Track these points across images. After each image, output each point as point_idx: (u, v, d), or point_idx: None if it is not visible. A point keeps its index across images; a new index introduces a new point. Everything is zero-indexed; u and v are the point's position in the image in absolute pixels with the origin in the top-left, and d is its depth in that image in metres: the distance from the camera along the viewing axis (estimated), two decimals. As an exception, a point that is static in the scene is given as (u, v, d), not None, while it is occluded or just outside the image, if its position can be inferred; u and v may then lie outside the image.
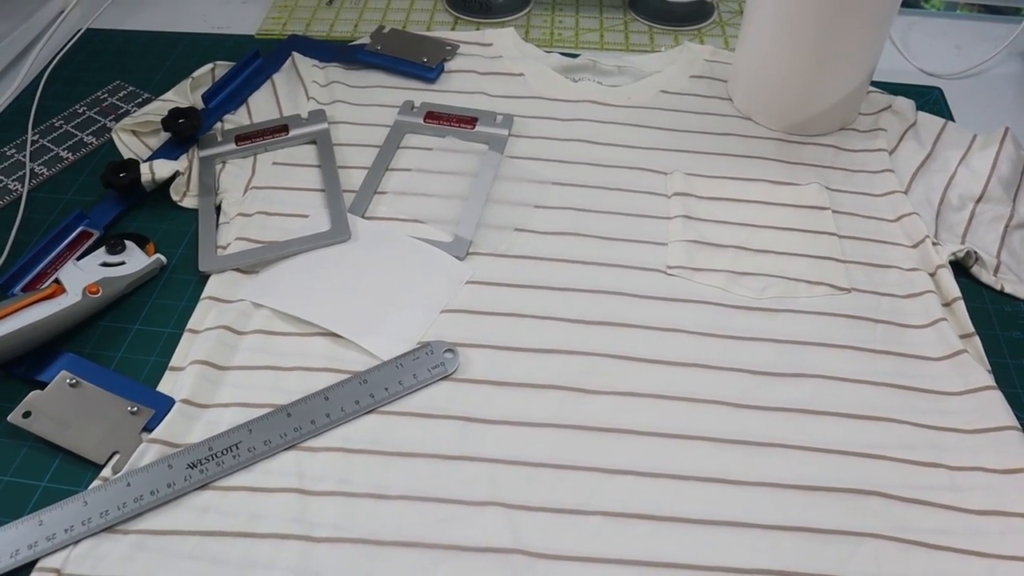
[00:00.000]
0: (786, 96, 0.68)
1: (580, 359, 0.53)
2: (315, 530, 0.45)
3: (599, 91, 0.74)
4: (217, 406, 0.51)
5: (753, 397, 0.52)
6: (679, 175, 0.65)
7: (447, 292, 0.57)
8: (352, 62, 0.76)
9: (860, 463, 0.49)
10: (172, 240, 0.62)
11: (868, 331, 0.56)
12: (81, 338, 0.56)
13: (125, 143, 0.69)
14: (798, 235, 0.61)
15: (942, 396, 0.52)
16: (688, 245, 0.60)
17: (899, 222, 0.63)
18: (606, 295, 0.57)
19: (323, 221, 0.61)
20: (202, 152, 0.67)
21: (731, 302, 0.57)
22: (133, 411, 0.50)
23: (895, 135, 0.70)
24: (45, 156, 0.69)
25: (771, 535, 0.46)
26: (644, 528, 0.46)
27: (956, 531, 0.46)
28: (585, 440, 0.49)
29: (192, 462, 0.48)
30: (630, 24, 0.86)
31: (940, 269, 0.59)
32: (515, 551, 0.45)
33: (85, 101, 0.75)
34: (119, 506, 0.46)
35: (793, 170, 0.67)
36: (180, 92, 0.73)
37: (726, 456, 0.49)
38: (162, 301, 0.58)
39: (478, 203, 0.63)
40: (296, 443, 0.49)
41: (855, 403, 0.52)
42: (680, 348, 0.54)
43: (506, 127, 0.69)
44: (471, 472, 0.48)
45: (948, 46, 0.85)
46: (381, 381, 0.51)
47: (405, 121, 0.70)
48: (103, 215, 0.63)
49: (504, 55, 0.77)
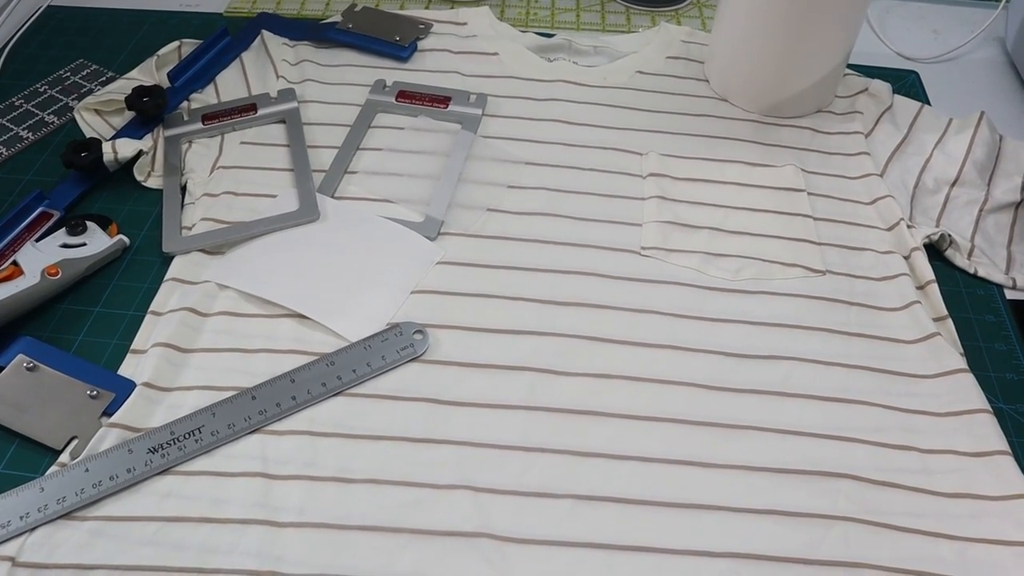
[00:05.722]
0: (762, 78, 0.67)
1: (552, 340, 0.53)
2: (279, 515, 0.44)
3: (574, 71, 0.73)
4: (180, 389, 0.50)
5: (726, 379, 0.51)
6: (654, 156, 0.64)
7: (417, 273, 0.56)
8: (323, 40, 0.75)
9: (832, 446, 0.49)
10: (135, 221, 0.61)
11: (842, 313, 0.55)
12: (40, 321, 0.54)
13: (88, 122, 0.67)
14: (773, 217, 0.61)
15: (915, 379, 0.52)
16: (663, 226, 0.59)
17: (874, 205, 0.62)
18: (579, 276, 0.56)
19: (291, 201, 0.60)
20: (168, 131, 0.65)
21: (705, 283, 0.56)
22: (93, 395, 0.49)
23: (871, 118, 0.69)
24: (4, 136, 0.67)
25: (743, 518, 0.45)
26: (615, 511, 0.45)
27: (926, 514, 0.46)
28: (556, 422, 0.49)
29: (153, 447, 0.46)
30: (607, 4, 0.85)
31: (914, 252, 0.59)
32: (483, 535, 0.44)
33: (47, 80, 0.73)
34: (77, 492, 0.44)
35: (769, 152, 0.66)
36: (145, 70, 0.71)
37: (699, 439, 0.49)
38: (124, 283, 0.57)
39: (450, 183, 0.61)
40: (261, 426, 0.48)
41: (828, 386, 0.51)
42: (653, 330, 0.54)
43: (480, 107, 0.68)
44: (439, 455, 0.47)
45: (925, 30, 0.84)
46: (349, 363, 0.50)
47: (377, 100, 0.68)
48: (64, 196, 0.62)
49: (478, 34, 0.76)
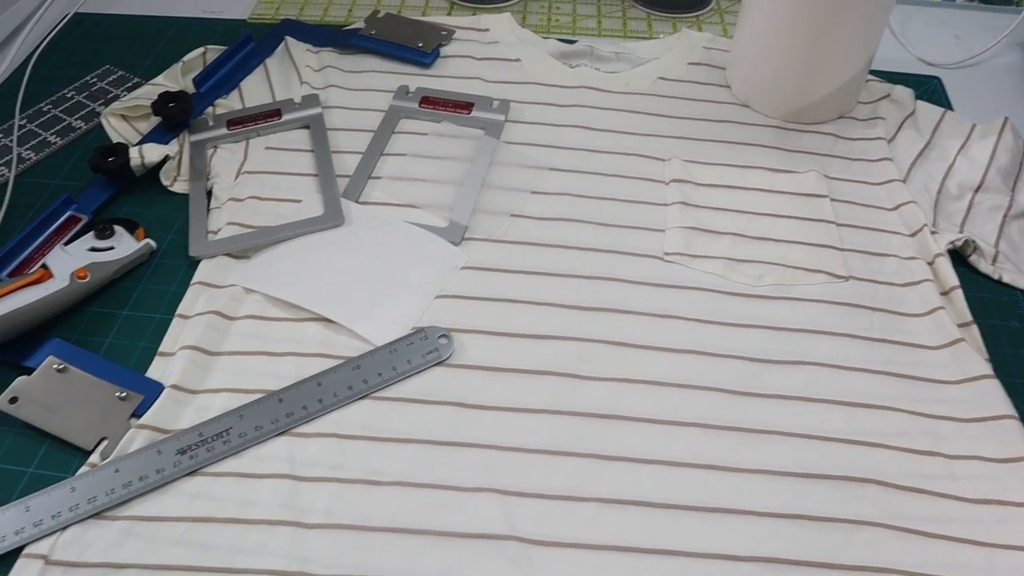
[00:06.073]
0: (784, 84, 0.67)
1: (576, 345, 0.53)
2: (306, 516, 0.45)
3: (596, 77, 0.73)
4: (207, 392, 0.50)
5: (750, 384, 0.51)
6: (677, 162, 0.65)
7: (442, 277, 0.56)
8: (346, 47, 0.75)
9: (857, 451, 0.49)
10: (162, 225, 0.62)
11: (866, 319, 0.55)
12: (69, 323, 0.55)
13: (114, 127, 0.68)
14: (796, 223, 0.61)
15: (940, 385, 0.52)
16: (685, 232, 0.59)
17: (897, 211, 0.62)
18: (603, 281, 0.57)
19: (316, 206, 0.61)
20: (193, 137, 0.66)
21: (728, 289, 0.57)
22: (122, 397, 0.49)
23: (894, 124, 0.69)
24: (33, 141, 0.68)
25: (767, 522, 0.45)
26: (640, 515, 0.45)
27: (953, 519, 0.46)
28: (580, 426, 0.49)
29: (182, 448, 0.47)
30: (628, 11, 0.85)
31: (938, 258, 0.59)
32: (509, 537, 0.44)
33: (74, 85, 0.74)
34: (107, 492, 0.45)
35: (791, 158, 0.66)
36: (171, 76, 0.72)
37: (722, 443, 0.49)
38: (152, 286, 0.58)
39: (474, 189, 0.62)
40: (288, 429, 0.48)
41: (852, 391, 0.51)
42: (676, 335, 0.54)
43: (502, 113, 0.68)
44: (465, 458, 0.47)
45: (947, 36, 0.84)
46: (374, 366, 0.51)
47: (400, 106, 0.69)
48: (92, 200, 0.62)
49: (501, 40, 0.76)
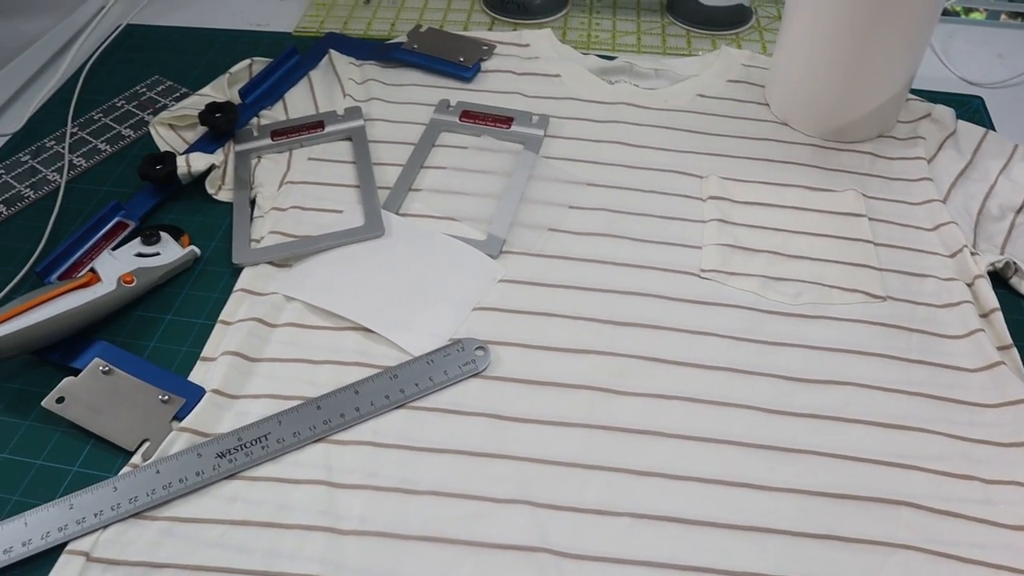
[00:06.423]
0: (824, 102, 0.67)
1: (611, 360, 0.53)
2: (342, 523, 0.45)
3: (635, 93, 0.73)
4: (247, 397, 0.51)
5: (784, 403, 0.51)
6: (715, 179, 0.65)
7: (479, 290, 0.57)
8: (389, 60, 0.77)
9: (892, 472, 0.48)
10: (206, 232, 0.63)
11: (903, 340, 0.55)
12: (115, 327, 0.56)
13: (162, 136, 0.70)
14: (833, 241, 0.61)
15: (978, 408, 0.52)
16: (722, 249, 0.60)
17: (937, 231, 0.62)
18: (639, 297, 0.57)
19: (357, 217, 0.61)
20: (238, 146, 0.68)
21: (764, 307, 0.57)
22: (164, 400, 0.50)
23: (934, 143, 0.69)
24: (84, 148, 0.70)
25: (800, 542, 0.45)
26: (672, 531, 0.45)
27: (989, 545, 0.46)
28: (614, 441, 0.49)
29: (221, 452, 0.48)
30: (667, 28, 0.85)
31: (978, 279, 0.58)
32: (541, 550, 0.44)
33: (124, 95, 0.76)
34: (148, 492, 0.46)
35: (829, 176, 0.66)
36: (217, 87, 0.73)
37: (756, 461, 0.49)
38: (195, 292, 0.59)
39: (512, 202, 0.62)
40: (325, 436, 0.49)
41: (888, 412, 0.51)
42: (712, 352, 0.54)
43: (542, 127, 0.69)
44: (499, 470, 0.48)
45: (990, 55, 0.83)
46: (411, 377, 0.52)
47: (441, 119, 0.70)
48: (139, 206, 0.64)
49: (541, 56, 0.77)
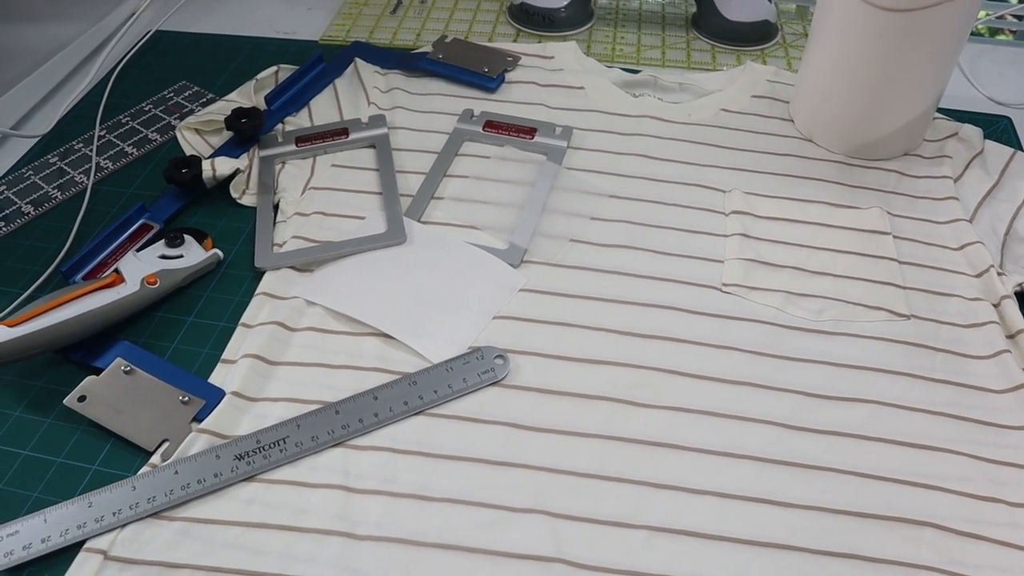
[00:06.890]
0: (849, 119, 0.67)
1: (630, 372, 0.53)
2: (358, 528, 0.45)
3: (659, 107, 0.73)
4: (266, 400, 0.51)
5: (805, 419, 0.51)
6: (738, 193, 0.65)
7: (500, 298, 0.57)
8: (414, 69, 0.77)
9: (915, 493, 0.48)
10: (229, 236, 0.63)
11: (927, 359, 0.54)
12: (137, 327, 0.57)
13: (188, 141, 0.70)
14: (857, 259, 0.60)
15: (1003, 430, 0.51)
16: (744, 263, 0.59)
17: (963, 250, 0.61)
18: (659, 309, 0.57)
19: (379, 223, 0.62)
20: (263, 152, 0.68)
21: (786, 322, 0.56)
22: (184, 401, 0.51)
23: (961, 163, 0.68)
24: (111, 151, 0.71)
25: (820, 560, 0.45)
26: (690, 545, 0.45)
27: (1013, 569, 0.45)
28: (632, 453, 0.49)
29: (239, 454, 0.48)
30: (692, 42, 0.85)
31: (1005, 300, 0.57)
32: (557, 560, 0.44)
33: (151, 99, 0.77)
34: (166, 493, 0.46)
35: (854, 194, 0.66)
36: (244, 93, 0.74)
37: (775, 477, 0.48)
38: (217, 295, 0.59)
39: (534, 212, 0.62)
40: (343, 440, 0.49)
41: (911, 431, 0.50)
42: (732, 366, 0.53)
43: (565, 139, 0.69)
44: (516, 479, 0.48)
45: (1019, 74, 0.83)
46: (430, 383, 0.51)
47: (464, 129, 0.70)
48: (164, 209, 0.65)
49: (565, 68, 0.77)
